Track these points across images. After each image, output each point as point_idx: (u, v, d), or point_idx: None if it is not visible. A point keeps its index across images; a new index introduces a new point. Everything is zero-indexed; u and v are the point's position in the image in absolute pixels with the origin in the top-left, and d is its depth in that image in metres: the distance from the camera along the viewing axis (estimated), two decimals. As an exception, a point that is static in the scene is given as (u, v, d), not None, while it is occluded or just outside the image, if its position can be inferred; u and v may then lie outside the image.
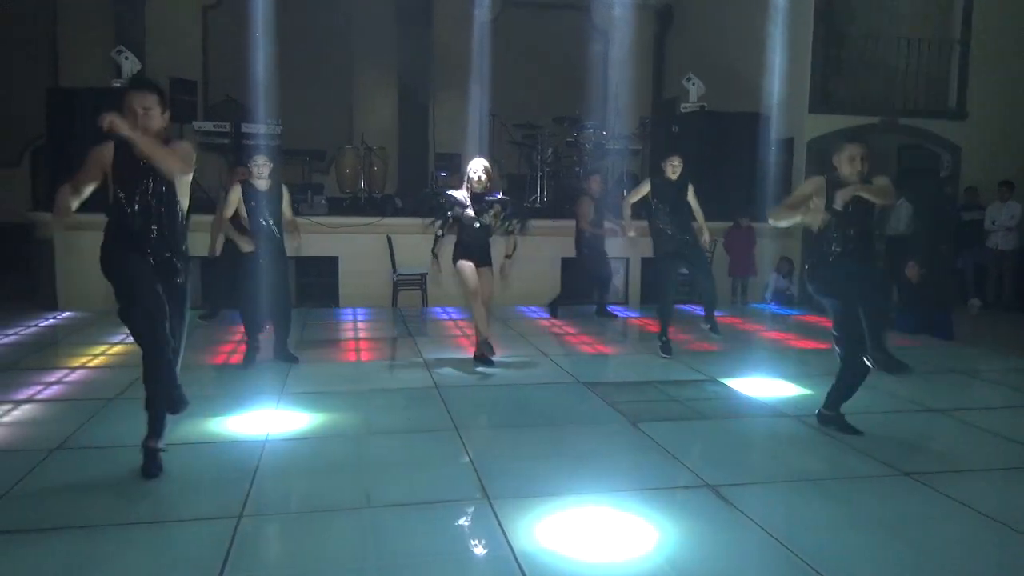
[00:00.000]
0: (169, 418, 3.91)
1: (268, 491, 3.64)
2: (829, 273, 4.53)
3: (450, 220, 6.23)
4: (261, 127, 10.32)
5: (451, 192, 6.32)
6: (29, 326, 8.01)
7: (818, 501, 3.63)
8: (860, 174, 4.43)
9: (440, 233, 6.23)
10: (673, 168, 6.90)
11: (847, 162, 4.46)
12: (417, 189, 12.37)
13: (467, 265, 6.17)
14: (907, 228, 11.11)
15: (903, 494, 3.75)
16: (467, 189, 6.20)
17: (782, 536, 3.18)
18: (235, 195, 6.10)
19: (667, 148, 12.05)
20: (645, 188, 7.11)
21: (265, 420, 4.73)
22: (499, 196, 6.30)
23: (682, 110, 11.27)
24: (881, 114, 11.19)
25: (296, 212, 9.71)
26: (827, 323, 8.88)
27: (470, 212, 6.14)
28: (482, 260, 6.26)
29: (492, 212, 6.18)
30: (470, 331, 8.08)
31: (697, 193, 7.05)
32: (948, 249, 9.95)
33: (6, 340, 7.29)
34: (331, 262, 9.79)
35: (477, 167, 6.20)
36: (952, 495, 3.68)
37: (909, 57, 11.27)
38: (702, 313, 7.15)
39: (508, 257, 6.39)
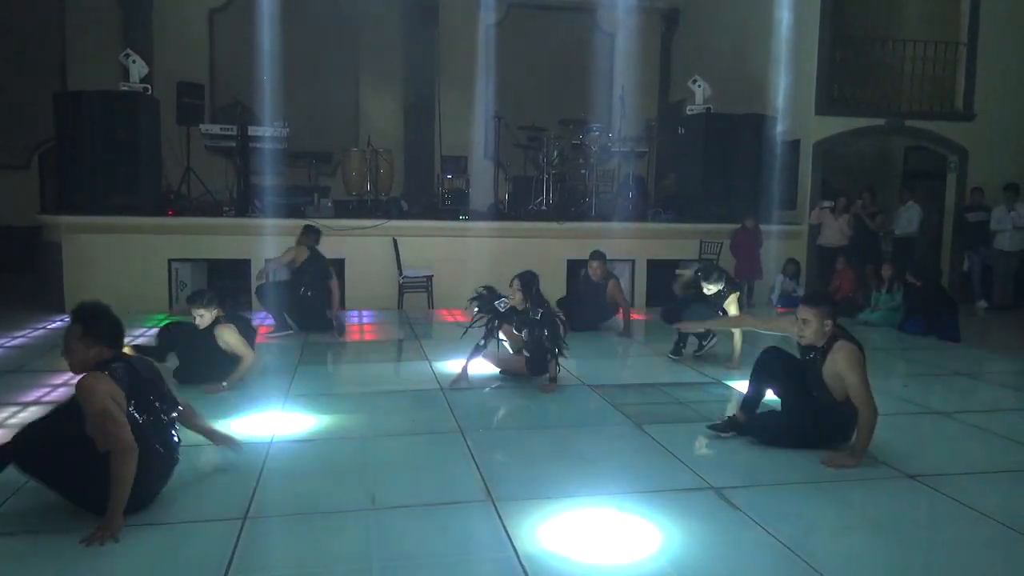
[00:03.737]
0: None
1: (273, 493, 3.66)
2: None
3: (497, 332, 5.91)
4: (267, 130, 10.37)
5: (498, 304, 5.86)
6: (36, 329, 8.05)
7: (822, 504, 3.63)
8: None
9: (482, 343, 5.82)
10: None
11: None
12: (424, 191, 12.40)
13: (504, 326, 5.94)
14: (916, 230, 11.11)
15: (907, 497, 3.74)
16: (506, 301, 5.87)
17: (786, 538, 3.18)
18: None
19: (674, 150, 12.20)
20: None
21: (271, 422, 4.75)
22: (535, 316, 5.75)
23: (688, 112, 11.28)
24: (887, 116, 11.18)
25: (302, 215, 9.81)
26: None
27: (513, 329, 5.89)
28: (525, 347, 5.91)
29: (525, 331, 5.79)
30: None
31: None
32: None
33: (13, 343, 7.33)
34: (337, 264, 9.81)
35: (512, 282, 5.81)
36: (956, 497, 3.68)
37: (915, 59, 11.26)
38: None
39: (552, 379, 5.74)
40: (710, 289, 6.52)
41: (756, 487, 3.83)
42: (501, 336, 5.99)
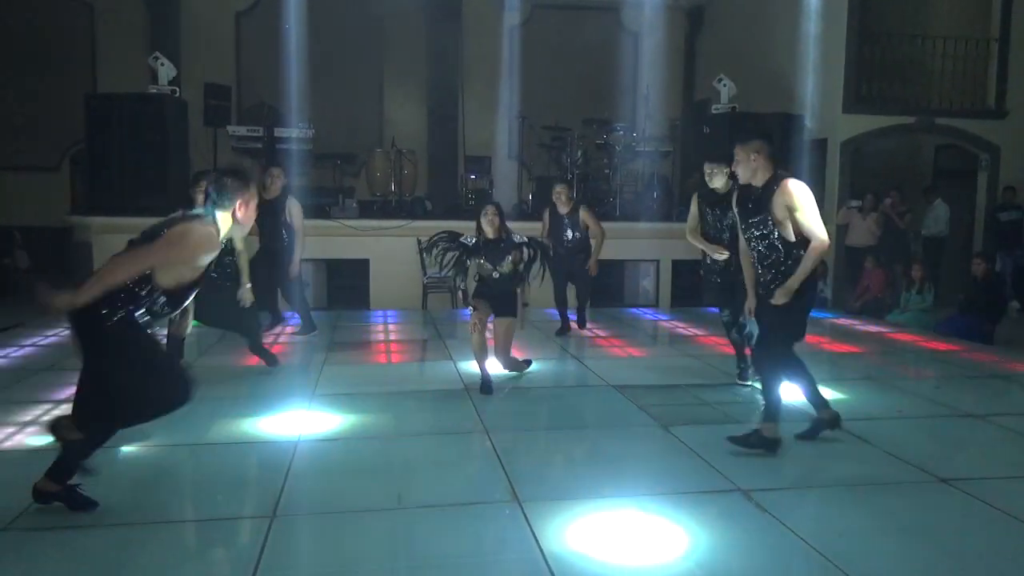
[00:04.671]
0: (208, 419, 3.93)
1: (300, 491, 3.68)
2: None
3: (468, 268, 5.63)
4: (293, 131, 10.45)
5: (464, 240, 5.62)
6: (67, 328, 8.14)
7: (852, 507, 3.58)
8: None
9: (462, 286, 5.66)
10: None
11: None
12: (448, 192, 12.42)
13: (480, 302, 5.62)
14: (945, 228, 10.94)
15: (939, 501, 3.68)
16: (480, 236, 5.58)
17: (815, 542, 3.14)
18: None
19: (699, 150, 12.11)
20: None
21: (297, 421, 4.78)
22: (520, 239, 5.62)
23: (713, 111, 11.18)
24: (917, 114, 11.02)
25: (327, 215, 9.87)
26: (863, 327, 8.81)
27: (486, 264, 5.57)
28: (500, 310, 5.66)
29: (510, 260, 5.55)
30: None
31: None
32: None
33: (45, 341, 7.45)
34: (362, 264, 9.87)
35: (486, 210, 5.59)
36: (990, 502, 3.61)
37: (946, 55, 11.08)
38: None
39: (525, 305, 5.73)
40: (720, 174, 5.53)
41: (783, 489, 3.79)
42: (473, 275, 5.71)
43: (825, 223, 3.95)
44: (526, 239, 5.65)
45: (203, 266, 3.36)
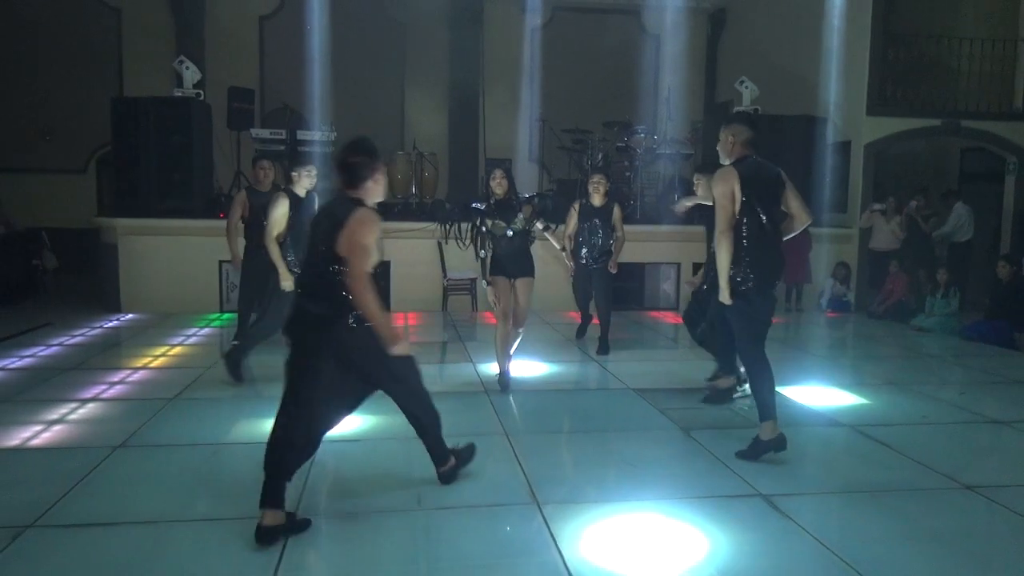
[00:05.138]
0: (231, 419, 3.96)
1: (321, 492, 3.71)
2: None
3: (486, 233, 5.67)
4: (316, 134, 10.52)
5: (475, 205, 5.75)
6: (94, 328, 8.28)
7: (874, 513, 3.54)
8: None
9: (483, 254, 5.67)
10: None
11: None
12: (468, 194, 12.45)
13: (499, 282, 5.70)
14: (968, 232, 10.80)
15: (964, 508, 3.64)
16: (491, 199, 5.73)
17: (836, 548, 3.12)
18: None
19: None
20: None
21: (318, 422, 4.80)
22: (528, 195, 5.91)
23: (735, 113, 11.13)
24: (942, 116, 10.89)
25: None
26: (887, 331, 8.72)
27: (499, 223, 5.64)
28: (519, 271, 5.76)
29: (523, 216, 5.68)
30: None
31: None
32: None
33: (72, 341, 7.55)
34: (383, 266, 9.89)
35: (494, 173, 5.82)
36: (1015, 509, 3.56)
37: (972, 57, 10.94)
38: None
39: (563, 250, 6.74)
40: (703, 184, 6.00)
41: (805, 494, 3.76)
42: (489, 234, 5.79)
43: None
44: (535, 193, 5.93)
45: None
